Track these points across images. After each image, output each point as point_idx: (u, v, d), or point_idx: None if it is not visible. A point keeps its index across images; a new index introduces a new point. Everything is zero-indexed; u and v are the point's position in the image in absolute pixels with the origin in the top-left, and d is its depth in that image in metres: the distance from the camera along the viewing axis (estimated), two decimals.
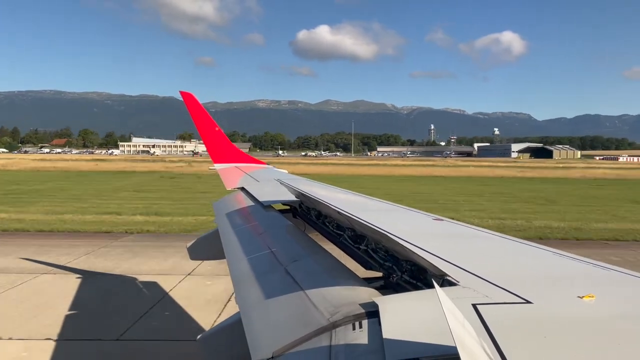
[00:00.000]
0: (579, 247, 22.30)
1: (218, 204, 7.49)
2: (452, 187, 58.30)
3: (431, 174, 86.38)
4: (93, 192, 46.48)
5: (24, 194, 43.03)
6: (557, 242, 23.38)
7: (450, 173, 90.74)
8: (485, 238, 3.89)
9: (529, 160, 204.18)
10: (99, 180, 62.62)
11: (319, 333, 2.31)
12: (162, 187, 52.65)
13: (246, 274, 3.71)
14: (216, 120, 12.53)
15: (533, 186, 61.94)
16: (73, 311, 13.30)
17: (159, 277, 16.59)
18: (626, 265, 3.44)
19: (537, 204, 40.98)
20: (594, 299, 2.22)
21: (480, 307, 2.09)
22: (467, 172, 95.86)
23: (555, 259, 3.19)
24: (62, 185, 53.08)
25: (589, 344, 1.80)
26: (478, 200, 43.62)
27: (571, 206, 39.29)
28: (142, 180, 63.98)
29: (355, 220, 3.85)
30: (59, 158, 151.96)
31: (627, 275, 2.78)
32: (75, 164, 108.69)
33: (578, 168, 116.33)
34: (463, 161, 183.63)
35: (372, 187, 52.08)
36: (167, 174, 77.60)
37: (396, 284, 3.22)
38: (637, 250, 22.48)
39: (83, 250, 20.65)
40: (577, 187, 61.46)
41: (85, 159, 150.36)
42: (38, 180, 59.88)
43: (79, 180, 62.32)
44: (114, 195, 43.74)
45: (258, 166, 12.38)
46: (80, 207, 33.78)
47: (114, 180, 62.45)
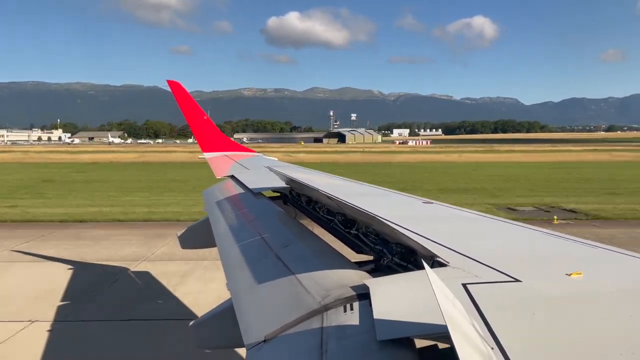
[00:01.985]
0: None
1: (208, 192, 7.44)
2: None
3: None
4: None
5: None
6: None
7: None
8: (474, 220, 3.93)
9: (311, 145, 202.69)
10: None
11: (311, 316, 2.32)
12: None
13: (237, 261, 3.71)
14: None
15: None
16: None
17: None
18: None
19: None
20: (581, 276, 2.26)
21: (470, 286, 2.11)
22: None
23: (543, 238, 3.23)
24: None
25: (577, 321, 1.82)
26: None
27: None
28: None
29: (345, 204, 3.85)
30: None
31: (614, 253, 2.82)
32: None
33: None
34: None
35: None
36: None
37: (387, 267, 3.23)
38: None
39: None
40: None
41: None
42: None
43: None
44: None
45: (248, 154, 12.32)
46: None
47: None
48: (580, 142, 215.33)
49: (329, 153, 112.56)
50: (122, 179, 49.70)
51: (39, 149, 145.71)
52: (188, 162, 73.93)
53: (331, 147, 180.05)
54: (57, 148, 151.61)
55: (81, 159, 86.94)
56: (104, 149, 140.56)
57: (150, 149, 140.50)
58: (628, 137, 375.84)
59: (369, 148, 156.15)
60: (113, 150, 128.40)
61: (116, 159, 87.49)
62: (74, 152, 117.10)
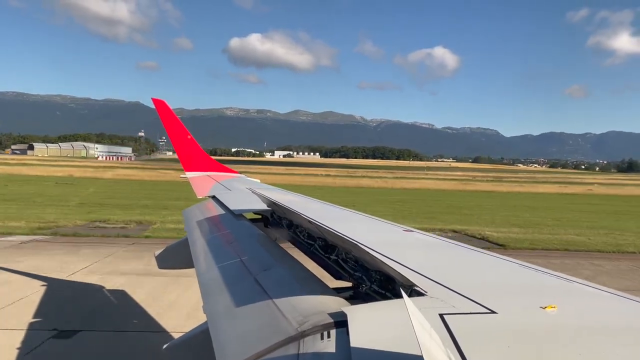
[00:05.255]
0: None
1: (188, 212, 7.36)
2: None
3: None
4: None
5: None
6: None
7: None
8: (452, 249, 3.96)
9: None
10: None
11: (287, 342, 2.30)
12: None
13: (215, 283, 3.67)
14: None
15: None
16: None
17: None
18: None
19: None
20: (555, 310, 2.29)
21: (447, 317, 2.13)
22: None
23: (519, 270, 3.27)
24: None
25: (551, 354, 1.84)
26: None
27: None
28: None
29: (326, 229, 3.86)
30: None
31: (588, 287, 2.87)
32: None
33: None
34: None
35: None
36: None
37: (365, 294, 3.22)
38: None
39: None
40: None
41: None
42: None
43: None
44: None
45: (230, 175, 12.27)
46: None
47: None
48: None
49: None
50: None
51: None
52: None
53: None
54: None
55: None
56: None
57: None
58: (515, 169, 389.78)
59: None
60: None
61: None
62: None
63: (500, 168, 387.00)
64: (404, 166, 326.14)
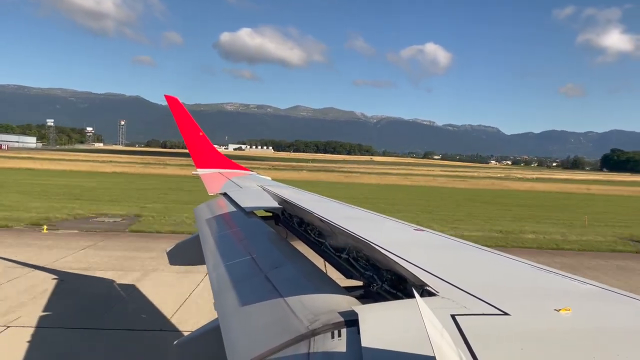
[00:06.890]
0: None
1: (199, 209, 7.34)
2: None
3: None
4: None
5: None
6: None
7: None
8: (464, 249, 3.96)
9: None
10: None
11: (298, 341, 2.30)
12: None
13: (226, 280, 3.67)
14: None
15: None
16: None
17: None
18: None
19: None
20: (570, 312, 2.28)
21: (459, 317, 2.13)
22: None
23: (533, 272, 3.26)
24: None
25: (565, 358, 1.84)
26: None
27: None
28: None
29: (337, 228, 3.86)
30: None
31: (603, 290, 2.86)
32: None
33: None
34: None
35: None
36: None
37: (376, 293, 3.22)
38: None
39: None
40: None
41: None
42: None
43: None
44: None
45: (242, 172, 12.26)
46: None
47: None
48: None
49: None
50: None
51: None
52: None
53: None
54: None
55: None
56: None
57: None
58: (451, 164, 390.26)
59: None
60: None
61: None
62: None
63: (455, 164, 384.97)
64: (348, 160, 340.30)
